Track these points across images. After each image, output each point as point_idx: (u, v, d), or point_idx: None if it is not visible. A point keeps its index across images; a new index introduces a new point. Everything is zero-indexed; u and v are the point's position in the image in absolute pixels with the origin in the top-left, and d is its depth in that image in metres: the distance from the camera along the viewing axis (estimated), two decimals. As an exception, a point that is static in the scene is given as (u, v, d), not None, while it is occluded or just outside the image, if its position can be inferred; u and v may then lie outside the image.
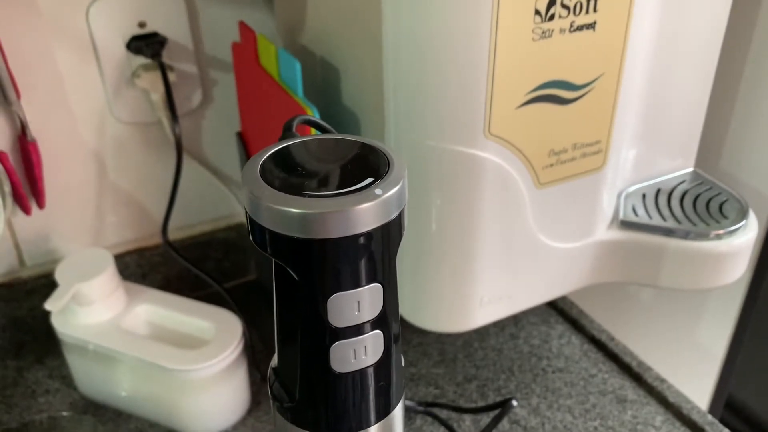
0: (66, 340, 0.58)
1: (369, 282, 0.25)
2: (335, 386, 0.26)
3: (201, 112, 0.66)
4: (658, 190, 0.57)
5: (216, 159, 0.69)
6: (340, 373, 0.26)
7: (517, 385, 0.62)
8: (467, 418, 0.59)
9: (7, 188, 0.58)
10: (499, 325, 0.69)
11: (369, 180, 0.24)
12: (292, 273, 0.24)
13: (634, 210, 0.55)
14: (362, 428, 0.28)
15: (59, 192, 0.63)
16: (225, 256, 0.73)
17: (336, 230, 0.23)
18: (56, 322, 0.58)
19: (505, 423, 0.58)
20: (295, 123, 0.29)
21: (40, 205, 0.62)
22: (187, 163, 0.65)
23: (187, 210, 0.68)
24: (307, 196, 0.23)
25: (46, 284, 0.62)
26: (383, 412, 0.28)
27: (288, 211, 0.23)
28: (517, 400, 0.57)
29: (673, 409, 0.59)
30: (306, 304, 0.25)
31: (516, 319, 0.69)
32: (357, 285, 0.24)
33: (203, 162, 0.68)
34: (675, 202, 0.56)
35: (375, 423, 0.28)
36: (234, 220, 0.72)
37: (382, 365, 0.27)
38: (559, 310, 0.70)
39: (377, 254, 0.24)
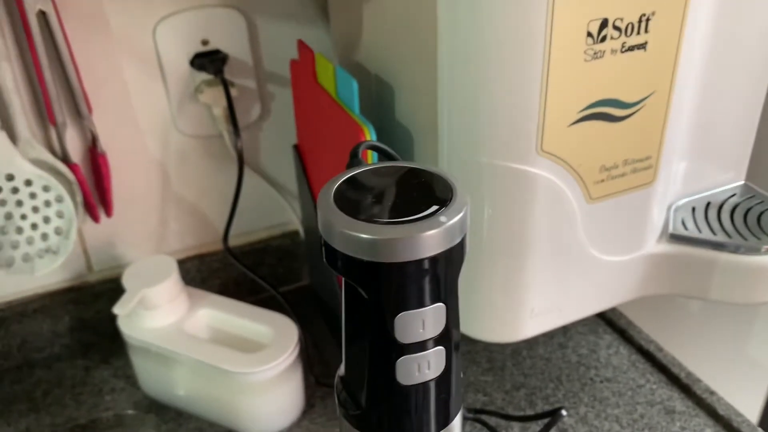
0: (131, 343, 0.61)
1: (433, 302, 0.26)
2: (399, 397, 0.28)
3: (259, 125, 0.69)
4: (708, 204, 0.58)
5: (272, 170, 0.71)
6: (404, 386, 0.28)
7: (565, 394, 0.63)
8: (515, 426, 0.60)
9: (79, 198, 0.62)
10: (548, 335, 0.70)
11: (434, 208, 0.26)
12: (362, 292, 0.26)
13: (683, 223, 0.56)
14: (424, 437, 0.29)
15: (126, 201, 0.66)
16: (279, 262, 0.75)
17: (403, 255, 0.25)
18: (123, 325, 0.61)
19: (553, 431, 0.59)
20: (361, 149, 0.31)
21: (108, 213, 0.65)
22: (246, 174, 0.68)
23: (244, 218, 0.71)
24: (377, 223, 0.25)
25: (112, 288, 0.66)
26: (443, 422, 0.30)
27: (360, 237, 0.25)
28: (566, 410, 0.58)
29: (723, 422, 0.60)
30: (375, 321, 0.26)
31: (564, 329, 0.70)
32: (422, 305, 0.26)
33: (260, 172, 0.71)
34: (725, 216, 0.57)
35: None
36: (288, 227, 0.75)
37: (444, 379, 0.28)
38: (608, 320, 0.71)
39: (441, 276, 0.26)
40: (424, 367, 0.27)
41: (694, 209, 0.57)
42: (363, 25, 0.56)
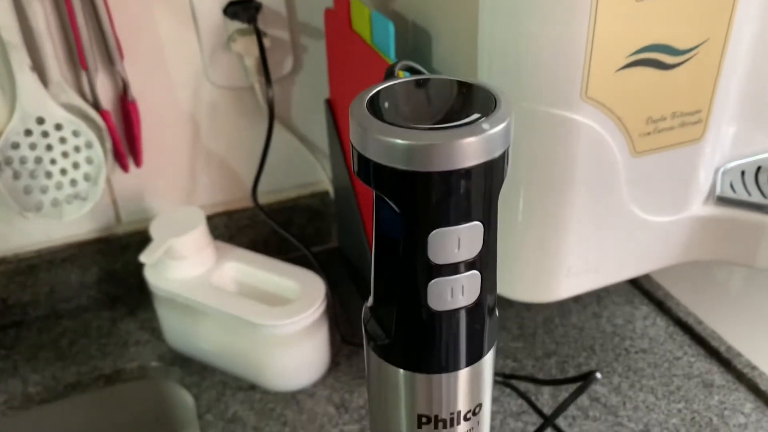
0: (157, 293, 0.61)
1: (470, 220, 0.25)
2: (431, 325, 0.26)
3: (291, 79, 0.67)
4: (759, 168, 0.55)
5: (304, 126, 0.70)
6: (436, 311, 0.26)
7: (597, 363, 0.61)
8: (545, 392, 0.58)
9: (109, 145, 0.61)
10: (582, 303, 0.67)
11: (476, 116, 0.24)
12: (393, 207, 0.24)
13: (732, 186, 0.53)
14: (454, 370, 0.28)
15: (155, 151, 0.65)
16: (308, 223, 0.74)
17: (440, 163, 0.23)
18: (149, 275, 0.60)
19: (584, 399, 0.57)
20: (397, 67, 0.29)
21: (138, 163, 0.64)
22: (276, 130, 0.67)
23: (273, 175, 0.70)
24: (413, 129, 0.23)
25: (140, 240, 0.65)
26: (476, 356, 0.28)
27: (394, 143, 0.23)
28: (600, 373, 0.56)
29: (765, 397, 0.57)
30: (406, 239, 0.25)
31: (599, 298, 0.68)
32: (458, 222, 0.24)
33: (291, 129, 0.69)
34: (777, 180, 0.54)
35: (466, 366, 0.28)
36: (318, 187, 0.74)
37: (477, 308, 0.27)
38: (645, 291, 0.68)
39: (480, 192, 0.24)
40: (458, 292, 0.26)
41: (743, 173, 0.54)
42: (401, -28, 0.55)
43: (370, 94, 0.25)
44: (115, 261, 0.69)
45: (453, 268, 0.25)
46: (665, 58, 0.44)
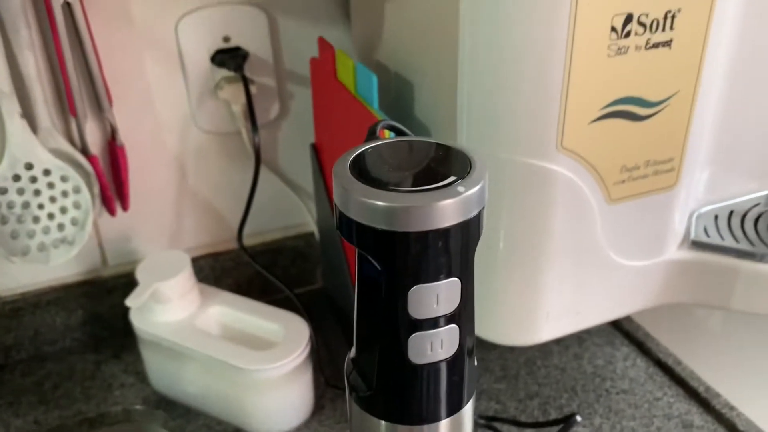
0: (142, 336, 0.61)
1: (448, 276, 0.26)
2: (411, 378, 0.27)
3: (277, 124, 0.69)
4: (732, 212, 0.57)
5: (290, 169, 0.71)
6: (416, 365, 0.27)
7: (579, 405, 0.62)
8: (528, 434, 0.58)
9: (96, 190, 0.62)
10: (563, 344, 0.68)
11: (452, 178, 0.25)
12: (375, 264, 0.25)
13: (705, 231, 0.55)
14: (434, 421, 0.29)
15: (142, 195, 0.66)
16: (293, 264, 0.75)
17: (419, 224, 0.24)
18: (134, 318, 0.61)
19: (567, 441, 0.58)
20: (379, 127, 0.30)
21: (125, 207, 0.65)
22: (262, 172, 0.68)
23: (259, 217, 0.71)
24: (393, 191, 0.24)
25: (126, 283, 0.66)
26: (455, 406, 0.29)
27: (375, 204, 0.24)
28: (580, 416, 0.57)
29: (743, 438, 0.58)
30: (387, 295, 0.26)
31: (580, 340, 0.69)
32: (436, 278, 0.25)
33: (277, 172, 0.71)
34: (749, 225, 0.56)
35: (446, 417, 0.29)
36: (303, 229, 0.75)
37: (457, 360, 0.28)
38: (625, 331, 0.69)
39: (456, 250, 0.25)
40: (437, 346, 0.27)
41: (716, 217, 0.56)
42: (384, 24, 0.56)
43: (353, 156, 0.27)
44: (100, 304, 0.69)
45: (432, 323, 0.26)
46: (637, 110, 0.46)
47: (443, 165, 0.26)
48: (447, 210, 0.24)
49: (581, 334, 0.69)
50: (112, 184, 0.64)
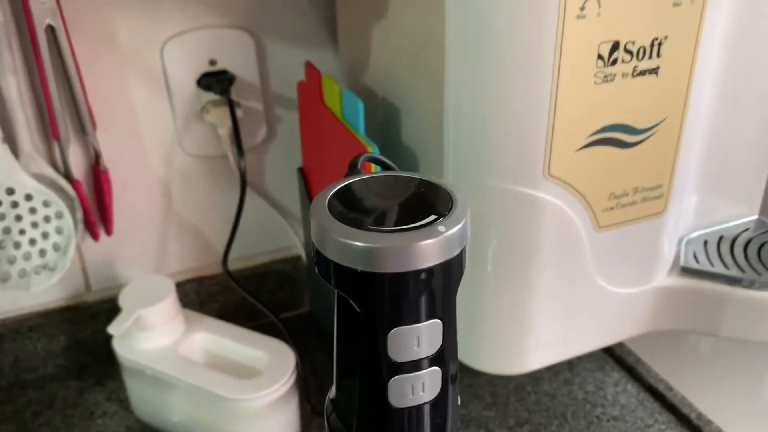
0: (125, 364, 0.60)
1: (429, 318, 0.25)
2: (392, 421, 0.26)
3: (264, 147, 0.68)
4: (721, 237, 0.56)
5: (277, 193, 0.71)
6: (397, 408, 0.26)
7: (570, 432, 0.61)
8: (518, 463, 0.57)
9: (79, 215, 0.61)
10: (553, 370, 0.67)
11: (432, 217, 0.24)
12: (354, 305, 0.25)
13: (695, 257, 0.54)
14: (417, 465, 0.28)
15: (127, 219, 0.65)
16: (280, 288, 0.74)
17: (399, 265, 0.23)
18: (117, 345, 0.60)
19: (557, 470, 0.57)
20: (360, 160, 0.30)
21: (108, 231, 0.64)
22: (249, 196, 0.67)
23: (245, 241, 0.70)
24: (372, 231, 0.24)
25: (110, 309, 0.64)
26: (438, 449, 0.28)
27: (353, 245, 0.23)
28: (570, 447, 0.56)
29: (735, 466, 0.57)
30: (367, 337, 0.25)
31: (571, 365, 0.68)
32: (417, 320, 0.25)
33: (264, 195, 0.70)
34: (738, 250, 0.55)
35: (429, 460, 0.28)
36: (290, 252, 0.74)
37: (439, 402, 0.27)
38: (616, 357, 0.69)
39: (438, 290, 0.25)
40: (419, 389, 0.26)
41: (706, 242, 0.56)
42: (371, 49, 0.56)
43: (332, 192, 0.26)
44: (83, 329, 0.68)
45: (414, 365, 0.25)
46: (625, 137, 0.46)
47: (424, 202, 0.26)
48: (428, 250, 0.24)
49: (572, 360, 0.68)
50: (96, 208, 0.63)
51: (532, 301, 0.49)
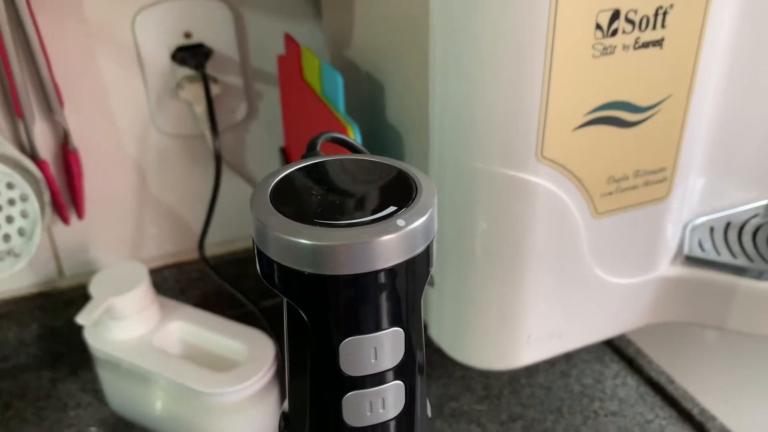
0: (98, 355, 0.57)
1: (389, 326, 0.21)
2: (348, 442, 0.23)
3: (245, 126, 0.64)
4: (728, 224, 0.52)
5: (259, 173, 0.67)
6: (353, 428, 0.23)
7: (565, 428, 0.58)
8: (509, 462, 0.55)
9: (47, 197, 0.57)
10: (550, 362, 0.64)
11: (391, 209, 0.21)
12: (301, 313, 0.21)
13: (700, 244, 0.51)
14: (379, 489, 0.24)
15: (99, 202, 0.62)
16: (265, 274, 0.71)
17: (352, 265, 0.20)
18: (89, 336, 0.57)
19: (550, 469, 0.54)
20: (320, 141, 0.26)
21: (80, 215, 0.61)
22: (230, 178, 0.64)
23: (227, 225, 0.66)
24: (321, 226, 0.20)
25: (85, 295, 0.61)
26: (404, 471, 0.25)
27: (298, 242, 0.20)
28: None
29: (740, 465, 0.54)
30: (317, 348, 0.22)
31: (568, 356, 0.65)
32: (375, 329, 0.21)
33: (246, 176, 0.66)
34: (747, 238, 0.51)
35: (394, 483, 0.25)
36: (275, 237, 0.70)
37: (403, 420, 0.23)
38: (615, 347, 0.65)
39: (400, 294, 0.21)
40: (378, 406, 0.22)
41: (712, 229, 0.52)
42: (355, 20, 0.52)
43: (276, 179, 0.22)
44: (56, 317, 0.65)
45: (372, 380, 0.22)
46: (625, 116, 0.42)
47: (384, 190, 0.22)
48: (385, 248, 0.20)
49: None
50: (66, 190, 0.60)
51: (524, 293, 0.46)
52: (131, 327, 0.56)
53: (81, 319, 0.53)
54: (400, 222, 0.20)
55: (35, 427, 0.59)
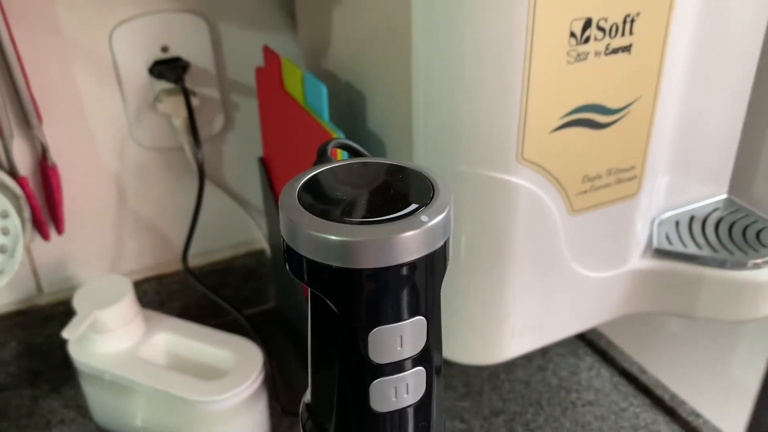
0: (83, 370, 0.57)
1: (412, 315, 0.23)
2: (374, 427, 0.25)
3: (222, 137, 0.65)
4: (692, 218, 0.56)
5: (237, 185, 0.68)
6: (379, 413, 0.24)
7: (546, 419, 0.60)
8: (495, 454, 0.56)
9: (27, 213, 0.57)
10: (527, 357, 0.66)
11: (413, 206, 0.22)
12: (330, 305, 0.23)
13: (668, 238, 0.54)
14: (401, 471, 0.26)
15: (79, 217, 0.62)
16: (244, 284, 0.71)
17: (378, 260, 0.21)
18: (73, 350, 0.56)
19: (534, 459, 0.56)
20: (330, 147, 0.27)
21: (59, 230, 0.61)
22: (208, 189, 0.64)
23: (206, 236, 0.67)
24: (348, 223, 0.22)
25: (64, 311, 0.61)
26: (423, 453, 0.26)
27: (328, 239, 0.21)
28: (548, 436, 0.55)
29: (710, 446, 0.57)
30: (345, 338, 0.23)
31: (544, 351, 0.67)
32: (399, 318, 0.23)
33: (224, 187, 0.67)
34: (710, 230, 0.55)
35: (414, 466, 0.26)
36: (253, 246, 0.71)
37: (424, 405, 0.25)
38: (588, 341, 0.68)
39: (421, 286, 0.23)
40: (402, 391, 0.24)
41: (677, 223, 0.55)
42: (333, 31, 0.54)
43: (301, 182, 0.24)
44: (36, 334, 0.64)
45: (396, 367, 0.24)
46: (598, 118, 0.44)
47: (403, 190, 0.24)
48: (410, 243, 0.22)
49: (544, 346, 0.67)
50: (45, 206, 0.60)
51: (506, 288, 0.48)
52: (116, 340, 0.56)
53: (67, 333, 0.53)
54: (424, 218, 0.22)
55: (19, 446, 0.59)
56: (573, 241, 0.48)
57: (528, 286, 0.48)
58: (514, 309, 0.49)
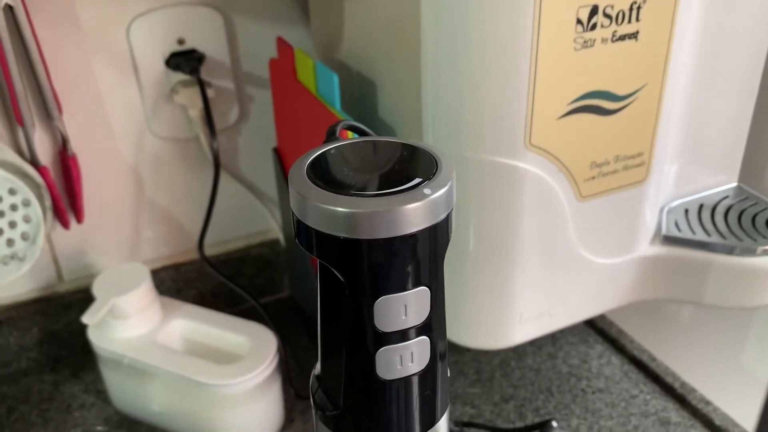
0: (102, 354, 0.58)
1: (416, 285, 0.24)
2: (380, 394, 0.25)
3: (237, 128, 0.66)
4: (701, 206, 0.56)
5: (251, 175, 0.69)
6: (385, 380, 0.25)
7: (555, 406, 0.60)
8: (505, 439, 0.57)
9: (48, 202, 0.59)
10: (537, 344, 0.67)
11: (417, 180, 0.23)
12: (338, 275, 0.24)
13: (677, 225, 0.54)
14: (407, 438, 0.27)
15: (97, 206, 0.63)
16: (259, 273, 0.73)
17: (384, 230, 0.22)
18: (92, 335, 0.58)
19: (544, 444, 0.56)
20: (339, 128, 0.28)
21: (79, 219, 0.62)
22: (223, 179, 0.65)
23: (221, 226, 0.68)
24: (354, 196, 0.23)
25: (83, 299, 0.63)
26: (428, 422, 0.27)
27: (335, 210, 0.22)
28: (557, 421, 0.56)
29: (720, 433, 0.57)
30: (352, 307, 0.24)
31: (554, 339, 0.68)
32: (404, 288, 0.24)
33: (239, 178, 0.68)
34: (719, 217, 0.55)
35: (420, 434, 0.27)
36: (268, 236, 0.72)
37: (428, 373, 0.26)
38: (598, 329, 0.69)
39: (425, 256, 0.24)
40: (407, 360, 0.25)
41: (687, 211, 0.55)
42: (344, 22, 0.55)
43: (310, 159, 0.25)
44: (56, 321, 0.66)
45: (401, 335, 0.24)
46: (605, 104, 0.45)
47: (408, 166, 0.25)
48: (413, 214, 0.23)
49: (555, 333, 0.68)
50: (65, 195, 0.61)
51: (515, 275, 0.48)
52: (134, 325, 0.58)
53: (86, 318, 0.55)
54: (427, 191, 0.23)
55: (41, 429, 0.60)
56: (581, 227, 0.49)
57: (536, 273, 0.49)
58: (522, 295, 0.49)
